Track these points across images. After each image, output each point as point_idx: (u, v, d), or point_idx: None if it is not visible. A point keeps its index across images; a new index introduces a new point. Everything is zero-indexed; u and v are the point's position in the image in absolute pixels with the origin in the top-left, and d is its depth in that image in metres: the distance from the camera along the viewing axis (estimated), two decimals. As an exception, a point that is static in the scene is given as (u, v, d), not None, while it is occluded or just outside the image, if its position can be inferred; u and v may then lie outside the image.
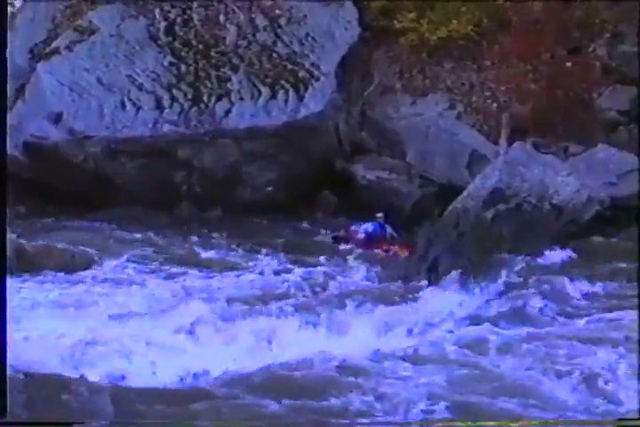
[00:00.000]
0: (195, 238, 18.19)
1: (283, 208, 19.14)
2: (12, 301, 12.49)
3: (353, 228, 18.12)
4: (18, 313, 13.10)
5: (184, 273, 16.22)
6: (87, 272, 16.19)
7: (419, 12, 20.05)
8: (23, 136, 19.62)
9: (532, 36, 18.89)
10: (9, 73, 19.27)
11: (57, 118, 19.67)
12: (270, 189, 19.51)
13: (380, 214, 17.96)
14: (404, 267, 16.95)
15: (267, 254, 17.30)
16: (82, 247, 17.14)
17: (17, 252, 16.40)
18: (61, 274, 15.97)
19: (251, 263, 16.79)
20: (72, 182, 19.46)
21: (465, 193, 17.35)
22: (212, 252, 17.37)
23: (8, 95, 19.46)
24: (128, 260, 16.75)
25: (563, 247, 16.15)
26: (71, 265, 16.38)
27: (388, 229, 17.94)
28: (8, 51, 19.39)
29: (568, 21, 19.25)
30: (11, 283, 13.04)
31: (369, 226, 17.87)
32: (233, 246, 17.76)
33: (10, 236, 16.10)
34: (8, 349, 9.71)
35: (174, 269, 16.40)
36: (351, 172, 19.50)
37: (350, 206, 19.06)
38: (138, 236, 18.20)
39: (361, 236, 17.85)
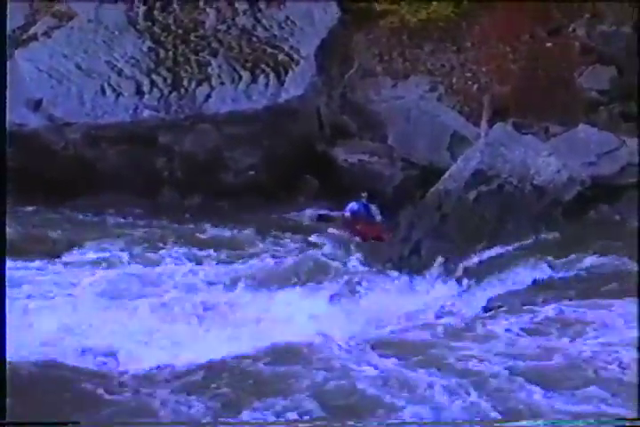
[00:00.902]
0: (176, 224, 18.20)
1: (265, 192, 19.11)
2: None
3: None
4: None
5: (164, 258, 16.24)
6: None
7: (398, -5, 20.01)
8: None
9: (512, 17, 18.88)
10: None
11: (36, 105, 19.57)
12: (252, 173, 19.48)
13: (364, 194, 17.95)
14: (387, 250, 16.98)
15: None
16: (63, 234, 17.10)
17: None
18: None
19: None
20: (53, 169, 19.37)
21: (447, 175, 17.34)
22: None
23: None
24: (109, 245, 16.74)
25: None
26: (52, 251, 16.36)
27: (373, 209, 17.91)
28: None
29: (547, 2, 19.24)
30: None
31: (354, 205, 17.84)
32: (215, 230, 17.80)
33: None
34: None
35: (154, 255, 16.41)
36: (332, 155, 19.48)
37: (332, 190, 19.04)
38: (120, 221, 18.19)
39: (346, 214, 17.84)
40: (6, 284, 10.08)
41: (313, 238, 17.30)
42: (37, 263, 15.84)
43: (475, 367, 10.69)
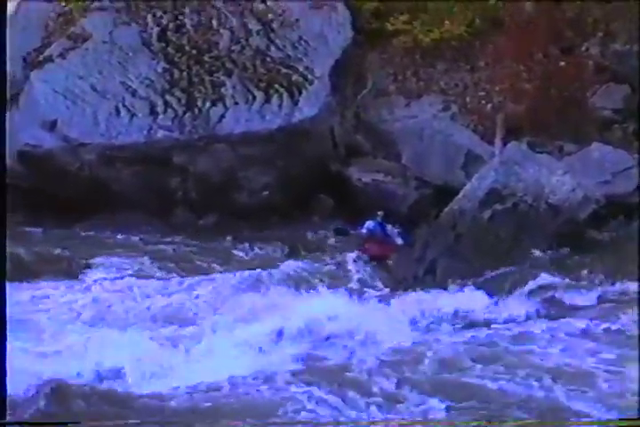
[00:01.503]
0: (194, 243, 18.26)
1: (279, 212, 19.13)
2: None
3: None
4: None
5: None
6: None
7: (411, 14, 20.08)
8: (18, 145, 19.58)
9: (525, 36, 18.92)
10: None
11: (51, 126, 19.65)
12: (266, 193, 19.49)
13: (380, 213, 17.95)
14: (403, 269, 16.96)
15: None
16: (78, 254, 17.14)
17: (12, 260, 16.39)
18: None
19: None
20: (68, 190, 19.43)
21: (461, 194, 17.33)
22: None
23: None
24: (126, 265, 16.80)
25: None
26: (68, 272, 16.38)
27: (389, 228, 17.90)
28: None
29: (560, 21, 19.28)
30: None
31: (370, 223, 17.85)
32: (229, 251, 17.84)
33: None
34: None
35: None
36: (347, 175, 19.49)
37: (346, 209, 19.04)
38: (135, 241, 18.24)
39: (363, 231, 17.85)
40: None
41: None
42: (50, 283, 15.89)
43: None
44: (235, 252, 18.11)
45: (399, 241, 17.68)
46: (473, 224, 16.67)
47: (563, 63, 19.01)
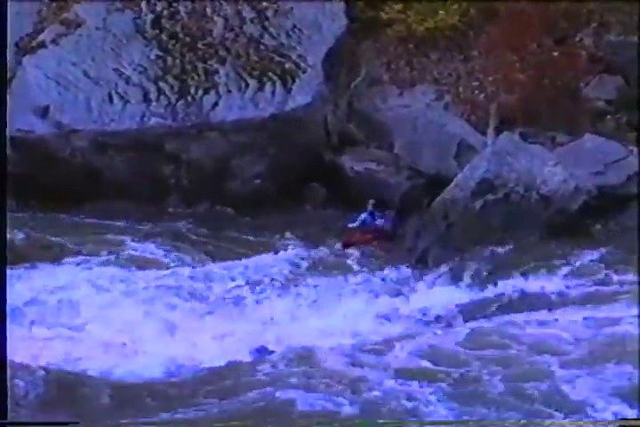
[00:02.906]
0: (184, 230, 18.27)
1: (271, 200, 19.13)
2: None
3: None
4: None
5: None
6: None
7: (405, 4, 20.01)
8: (10, 130, 19.48)
9: (519, 27, 18.86)
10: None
11: (44, 112, 19.60)
12: (259, 181, 19.48)
13: (372, 201, 18.05)
14: (394, 258, 17.01)
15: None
16: (69, 241, 17.14)
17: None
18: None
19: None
20: (59, 176, 19.40)
21: (453, 184, 17.37)
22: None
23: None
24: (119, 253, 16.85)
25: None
26: (58, 258, 16.40)
27: (378, 219, 17.98)
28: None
29: (554, 11, 19.24)
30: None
31: (363, 215, 17.99)
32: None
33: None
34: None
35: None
36: (339, 163, 19.48)
37: (339, 198, 19.05)
38: (126, 228, 18.25)
39: (349, 225, 17.94)
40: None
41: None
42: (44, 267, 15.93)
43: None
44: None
45: (386, 227, 17.81)
46: (464, 214, 16.74)
47: (556, 54, 18.96)
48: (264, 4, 20.67)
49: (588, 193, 16.86)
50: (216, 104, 19.44)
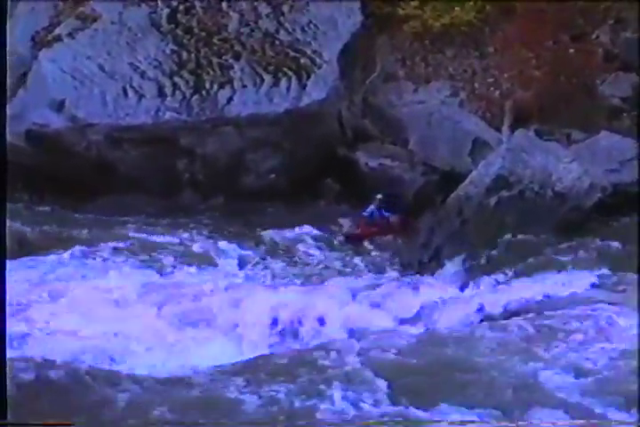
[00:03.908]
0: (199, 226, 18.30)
1: (285, 195, 19.14)
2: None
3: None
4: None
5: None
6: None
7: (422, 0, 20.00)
8: (25, 124, 19.60)
9: (535, 23, 18.82)
10: (10, 61, 19.42)
11: (59, 106, 19.64)
12: (273, 176, 19.51)
13: (379, 196, 18.10)
14: (407, 254, 17.00)
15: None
16: (82, 234, 17.19)
17: (19, 239, 16.47)
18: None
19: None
20: (74, 170, 19.46)
21: (468, 180, 17.34)
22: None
23: (10, 83, 19.57)
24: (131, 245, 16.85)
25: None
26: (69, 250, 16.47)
27: (384, 212, 18.06)
28: (9, 39, 19.57)
29: (571, 8, 19.17)
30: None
31: (371, 207, 18.05)
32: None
33: (12, 224, 16.26)
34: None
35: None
36: (354, 159, 19.48)
37: (353, 194, 19.05)
38: (140, 222, 18.29)
39: (364, 214, 18.00)
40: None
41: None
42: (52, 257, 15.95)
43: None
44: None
45: (393, 220, 17.88)
46: (479, 210, 16.70)
47: (572, 51, 18.90)
48: (280, -1, 20.69)
49: (602, 190, 16.83)
50: (231, 99, 19.45)
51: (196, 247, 17.09)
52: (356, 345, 12.43)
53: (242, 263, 16.58)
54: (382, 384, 11.24)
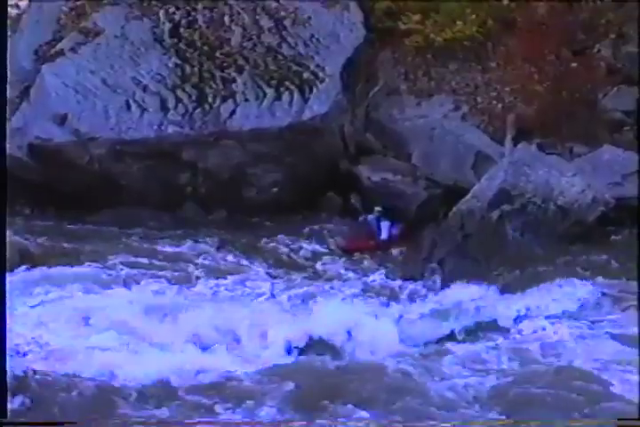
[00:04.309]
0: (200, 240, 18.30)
1: (288, 210, 19.14)
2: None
3: None
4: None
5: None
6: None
7: (423, 14, 20.03)
8: (28, 138, 19.60)
9: (537, 37, 18.87)
10: (14, 75, 19.47)
11: (62, 120, 19.65)
12: (275, 190, 19.51)
13: (377, 208, 18.17)
14: (410, 268, 16.99)
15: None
16: (87, 248, 17.19)
17: (21, 253, 16.46)
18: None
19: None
20: (77, 184, 19.45)
21: (470, 194, 17.35)
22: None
23: (14, 96, 19.61)
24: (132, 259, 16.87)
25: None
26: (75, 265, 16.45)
27: (384, 224, 18.11)
28: (13, 53, 19.67)
29: (573, 22, 19.24)
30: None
31: (369, 217, 18.16)
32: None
33: (14, 237, 16.28)
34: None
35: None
36: (356, 173, 19.49)
37: (355, 208, 19.05)
38: (143, 236, 18.32)
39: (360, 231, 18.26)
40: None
41: None
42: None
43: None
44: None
45: (384, 236, 17.92)
46: (481, 224, 16.71)
47: (574, 64, 18.95)
48: (282, 13, 20.73)
49: (605, 204, 16.83)
50: (233, 113, 19.47)
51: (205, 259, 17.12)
52: None
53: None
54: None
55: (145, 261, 16.88)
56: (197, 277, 16.37)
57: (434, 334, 14.06)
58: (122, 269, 16.39)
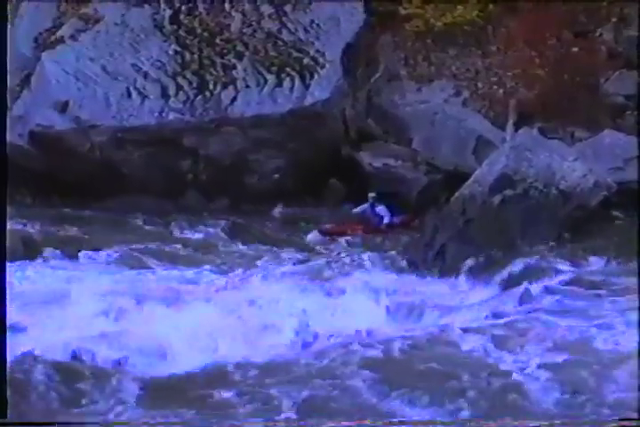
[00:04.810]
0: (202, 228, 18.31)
1: (289, 196, 19.14)
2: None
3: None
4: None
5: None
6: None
7: (424, -2, 19.99)
8: (29, 125, 19.62)
9: (538, 21, 18.81)
10: (14, 62, 19.47)
11: (63, 107, 19.64)
12: (277, 176, 19.50)
13: (372, 194, 18.16)
14: (411, 254, 16.99)
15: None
16: (87, 235, 17.20)
17: (24, 241, 16.48)
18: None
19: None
20: (78, 171, 19.46)
21: (471, 179, 17.30)
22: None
23: (14, 84, 19.61)
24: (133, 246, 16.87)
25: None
26: (75, 253, 16.45)
27: (380, 209, 18.13)
28: (13, 40, 19.67)
29: (574, 6, 19.17)
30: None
31: (365, 206, 18.17)
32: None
33: (15, 226, 16.31)
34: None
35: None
36: (357, 159, 19.48)
37: (357, 193, 19.03)
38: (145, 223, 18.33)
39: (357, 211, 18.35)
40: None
41: None
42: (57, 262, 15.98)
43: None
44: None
45: (386, 220, 17.89)
46: (483, 209, 16.66)
47: (576, 49, 18.91)
48: (282, -1, 20.68)
49: (607, 189, 16.81)
50: (234, 99, 19.45)
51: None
52: None
53: None
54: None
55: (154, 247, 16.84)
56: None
57: None
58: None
